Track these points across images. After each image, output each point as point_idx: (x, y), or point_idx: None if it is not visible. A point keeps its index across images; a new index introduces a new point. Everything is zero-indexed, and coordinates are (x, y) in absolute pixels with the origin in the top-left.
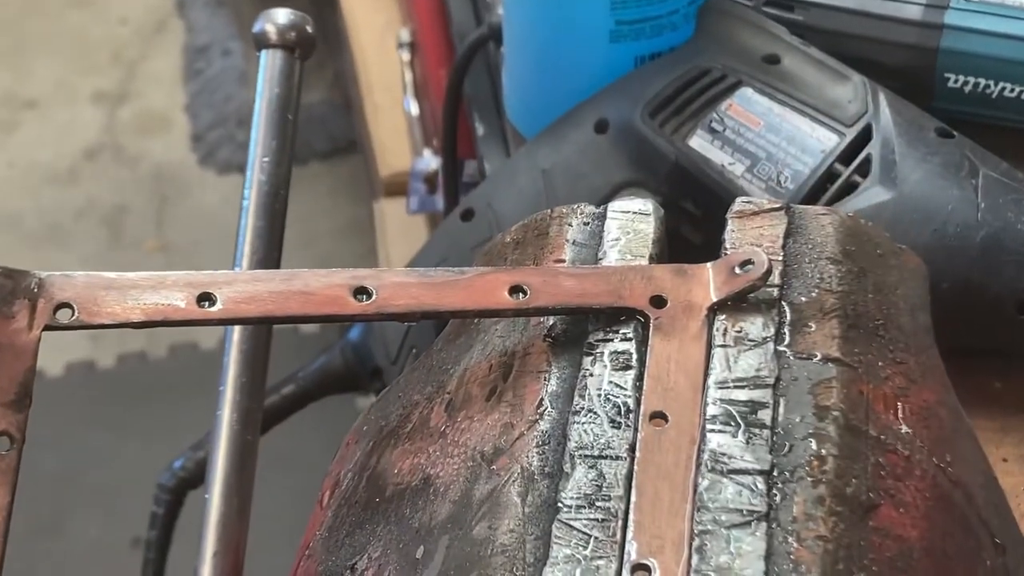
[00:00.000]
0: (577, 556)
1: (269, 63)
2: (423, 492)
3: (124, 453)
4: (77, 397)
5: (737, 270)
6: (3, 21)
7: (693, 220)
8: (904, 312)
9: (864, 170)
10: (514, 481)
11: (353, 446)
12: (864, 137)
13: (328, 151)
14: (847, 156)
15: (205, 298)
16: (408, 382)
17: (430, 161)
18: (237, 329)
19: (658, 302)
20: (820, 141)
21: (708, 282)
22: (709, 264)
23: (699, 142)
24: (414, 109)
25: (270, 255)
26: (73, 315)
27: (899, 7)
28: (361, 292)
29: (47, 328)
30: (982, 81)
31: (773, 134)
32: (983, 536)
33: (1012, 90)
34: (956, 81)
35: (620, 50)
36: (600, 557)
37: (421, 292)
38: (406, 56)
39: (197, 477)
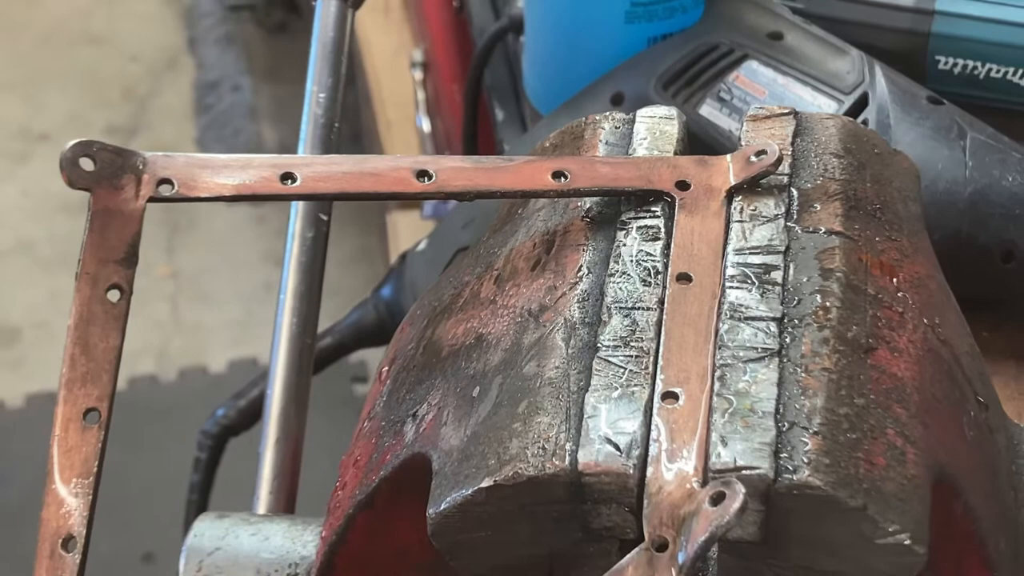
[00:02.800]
0: (615, 384)
1: (324, 10)
2: (477, 347)
3: (135, 471)
4: None
5: (752, 158)
6: (17, 57)
7: None
8: (898, 201)
9: None
10: (558, 329)
11: (408, 328)
12: (861, 104)
13: None
14: None
15: (287, 176)
16: (459, 268)
17: None
18: (296, 241)
19: (682, 186)
20: (820, 108)
21: (727, 169)
22: (728, 155)
23: (708, 110)
24: (426, 126)
25: None
26: (173, 189)
27: None
28: (423, 174)
29: (151, 200)
30: (971, 63)
31: (777, 102)
32: (967, 391)
33: (999, 71)
34: (947, 63)
35: (634, 31)
36: (635, 385)
37: (476, 175)
38: (418, 75)
39: (238, 424)
